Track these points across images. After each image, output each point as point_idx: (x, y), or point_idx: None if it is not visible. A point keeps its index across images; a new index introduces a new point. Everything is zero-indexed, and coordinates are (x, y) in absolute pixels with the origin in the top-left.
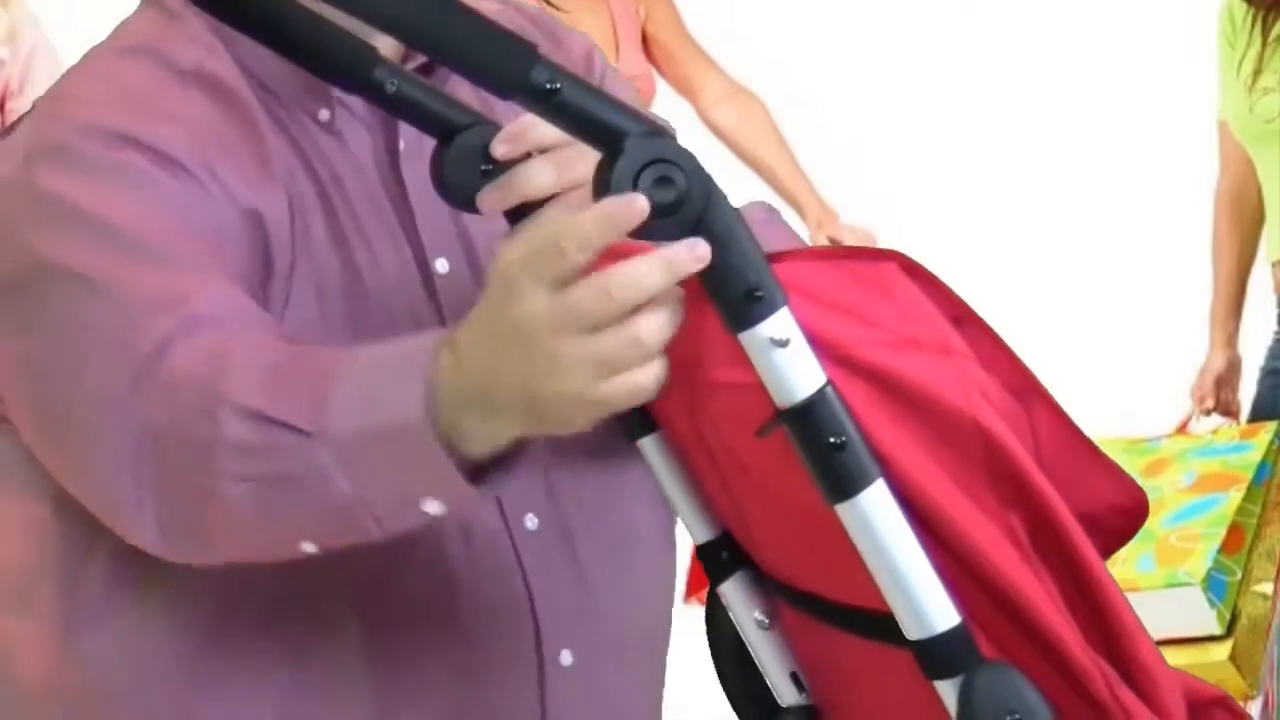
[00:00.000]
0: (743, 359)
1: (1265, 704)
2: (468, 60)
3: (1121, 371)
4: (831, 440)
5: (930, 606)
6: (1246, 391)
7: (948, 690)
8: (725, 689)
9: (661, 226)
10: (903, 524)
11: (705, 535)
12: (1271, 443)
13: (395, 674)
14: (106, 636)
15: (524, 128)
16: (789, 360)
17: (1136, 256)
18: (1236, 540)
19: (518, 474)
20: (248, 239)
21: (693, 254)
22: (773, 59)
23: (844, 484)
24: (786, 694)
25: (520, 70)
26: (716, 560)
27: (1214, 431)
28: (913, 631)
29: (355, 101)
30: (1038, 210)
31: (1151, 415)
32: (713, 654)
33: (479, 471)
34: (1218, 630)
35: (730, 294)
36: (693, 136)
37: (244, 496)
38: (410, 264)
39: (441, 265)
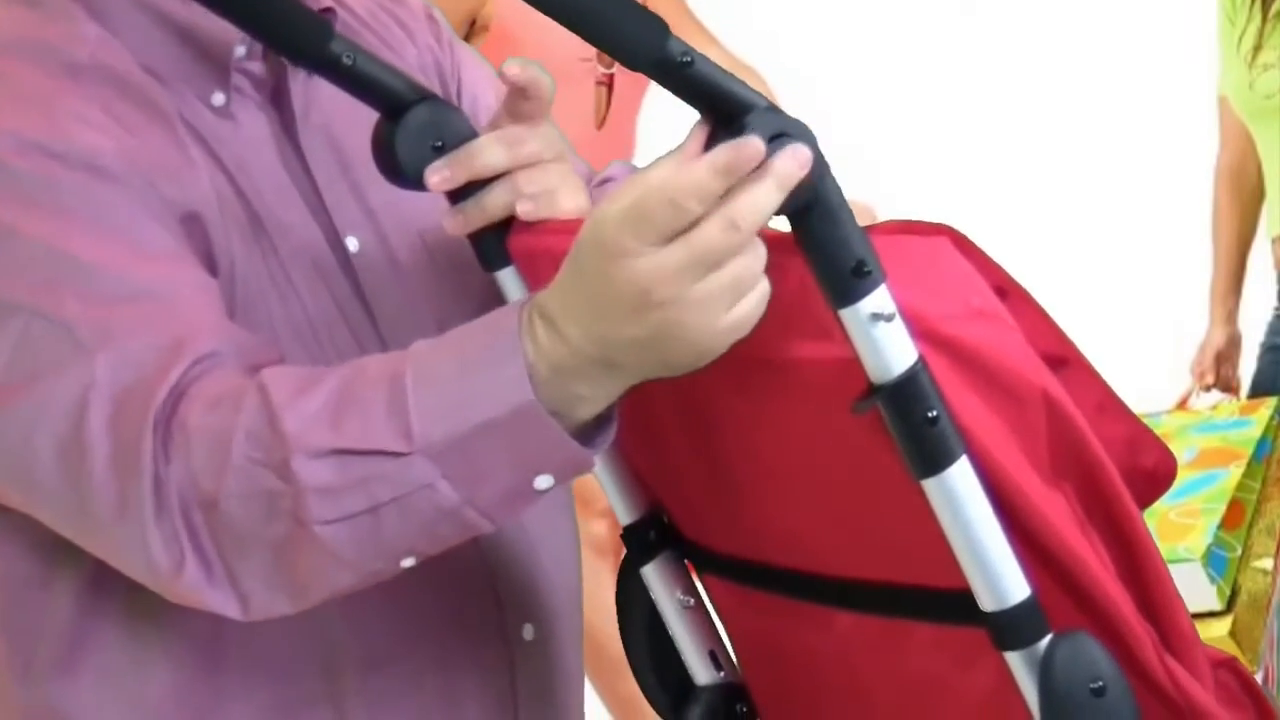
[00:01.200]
0: (816, 334)
1: (1265, 679)
2: (602, 31)
3: (1121, 347)
4: (927, 415)
5: (1007, 579)
6: (1246, 367)
7: (1019, 661)
8: (634, 669)
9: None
10: (983, 498)
11: (633, 515)
12: (1272, 418)
13: (382, 677)
14: (85, 678)
15: (535, 75)
16: (889, 336)
17: (1136, 232)
18: (1236, 516)
19: (616, 424)
20: (193, 246)
21: (797, 160)
22: (772, 37)
23: (935, 459)
24: (702, 673)
25: (655, 42)
26: (644, 540)
27: (1214, 407)
28: (988, 604)
29: (244, 82)
30: (1037, 187)
31: (1151, 391)
32: (623, 635)
33: (581, 432)
34: (1217, 606)
35: (839, 268)
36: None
37: (339, 535)
38: (324, 246)
39: (352, 244)
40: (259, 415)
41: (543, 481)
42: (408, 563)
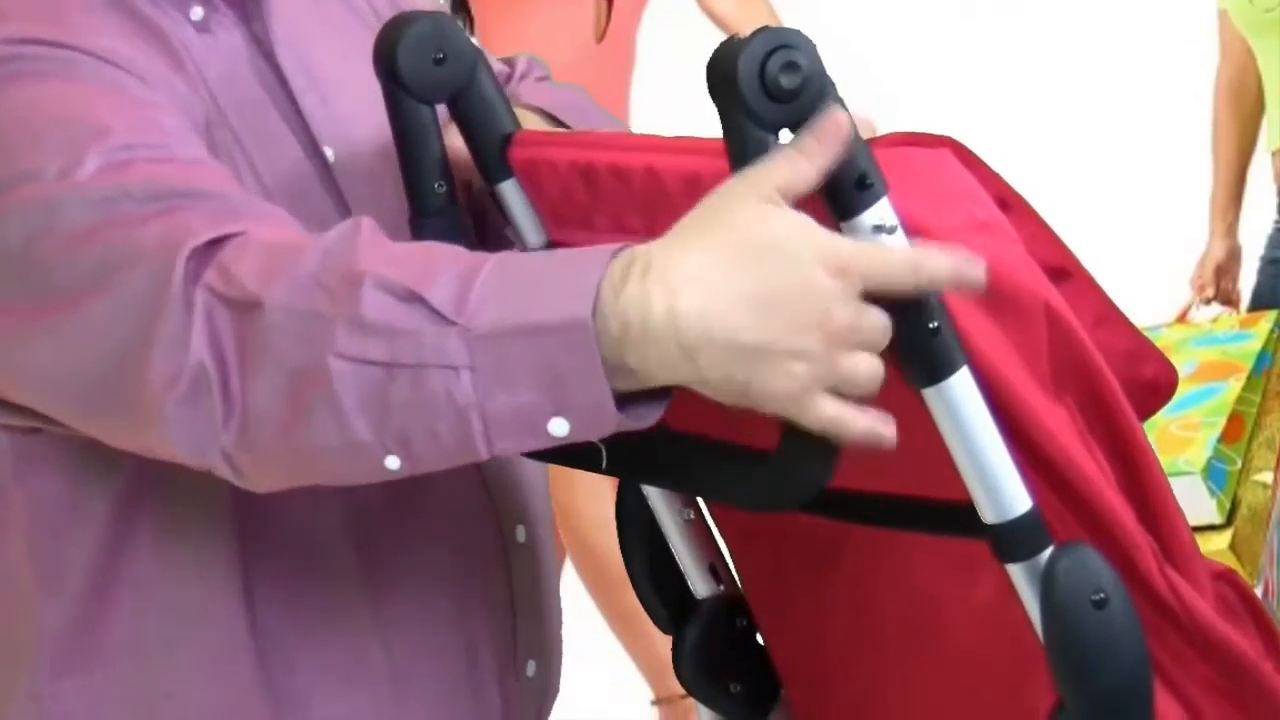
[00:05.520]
0: None
1: (1265, 592)
2: None
3: (1121, 261)
4: (929, 325)
5: (1008, 491)
6: (1246, 280)
7: (1021, 573)
8: (634, 583)
9: (783, 111)
10: (984, 409)
11: None
12: (1271, 331)
13: (390, 588)
14: (120, 595)
15: None
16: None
17: (1137, 146)
18: (1236, 429)
19: (657, 416)
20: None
21: (978, 272)
22: None
23: (936, 369)
24: (702, 586)
25: None
26: None
27: (1214, 320)
28: (990, 516)
29: None
30: (1039, 99)
31: (1151, 304)
32: (623, 550)
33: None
34: (1217, 519)
35: (842, 182)
36: (695, 27)
37: (347, 375)
38: (303, 157)
39: (330, 154)
40: (343, 243)
41: (557, 426)
42: (391, 462)
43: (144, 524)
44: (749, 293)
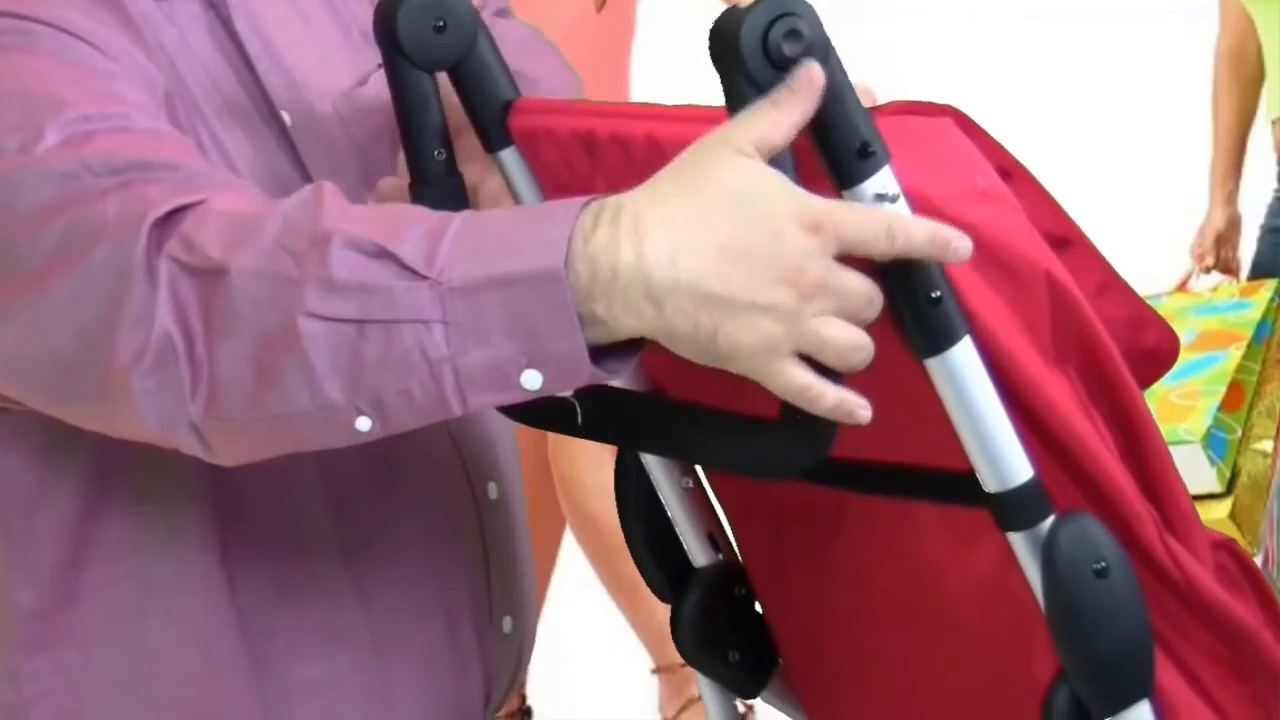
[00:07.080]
0: None
1: (1265, 561)
2: None
3: (1122, 229)
4: (930, 295)
5: (1010, 460)
6: (1246, 249)
7: (1022, 543)
8: (633, 553)
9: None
10: (986, 378)
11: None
12: (1271, 300)
13: (367, 550)
14: (94, 568)
15: None
16: None
17: (1138, 114)
18: (1236, 398)
19: (627, 366)
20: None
21: (961, 247)
22: None
23: (938, 339)
24: (701, 555)
25: None
26: None
27: (1214, 289)
28: (991, 485)
29: None
30: (1040, 69)
31: (1151, 273)
32: (621, 519)
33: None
34: (1217, 488)
35: (843, 149)
36: None
37: (318, 335)
38: (260, 122)
39: (286, 118)
40: (304, 207)
41: (530, 379)
42: (362, 424)
43: (116, 498)
44: (719, 242)
